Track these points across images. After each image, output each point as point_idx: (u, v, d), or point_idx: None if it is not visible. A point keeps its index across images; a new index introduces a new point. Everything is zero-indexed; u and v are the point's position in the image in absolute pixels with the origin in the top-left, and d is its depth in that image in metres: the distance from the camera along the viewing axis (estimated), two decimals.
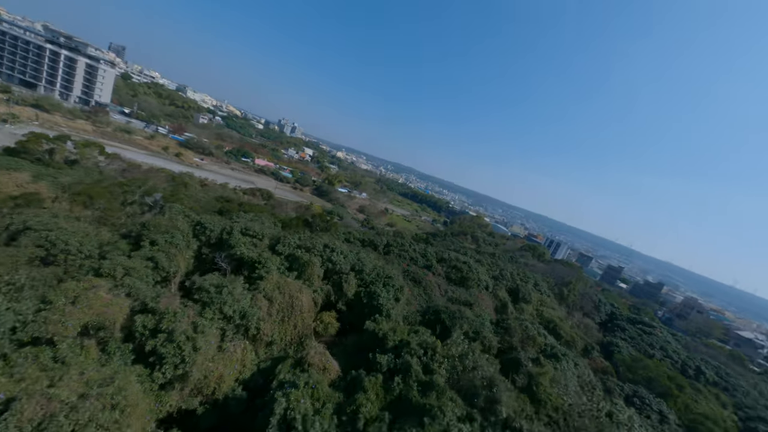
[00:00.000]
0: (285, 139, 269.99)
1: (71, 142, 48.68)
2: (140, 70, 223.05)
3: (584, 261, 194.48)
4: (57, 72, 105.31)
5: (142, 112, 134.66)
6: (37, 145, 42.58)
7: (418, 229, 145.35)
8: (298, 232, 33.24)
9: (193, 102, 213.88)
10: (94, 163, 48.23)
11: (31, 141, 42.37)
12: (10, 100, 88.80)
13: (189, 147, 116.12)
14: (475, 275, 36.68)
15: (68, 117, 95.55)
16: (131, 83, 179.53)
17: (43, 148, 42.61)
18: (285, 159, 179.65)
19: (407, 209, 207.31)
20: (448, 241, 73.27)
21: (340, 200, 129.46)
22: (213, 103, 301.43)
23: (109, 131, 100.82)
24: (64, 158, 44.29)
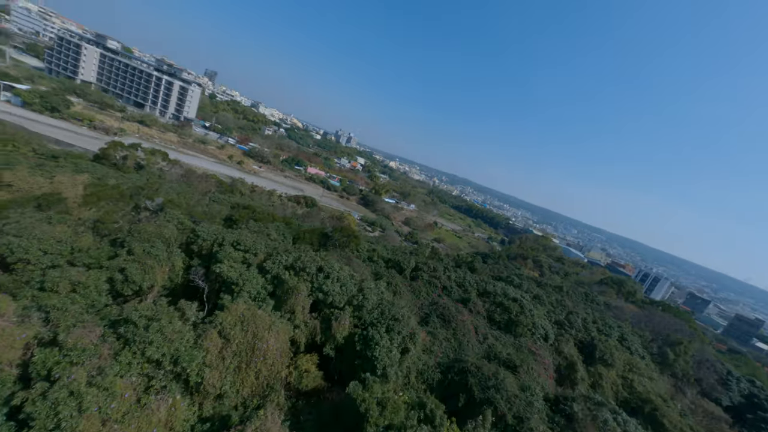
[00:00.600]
0: (339, 149, 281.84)
1: (141, 150, 53.77)
2: (224, 90, 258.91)
3: (697, 305, 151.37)
4: (159, 94, 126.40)
5: (219, 126, 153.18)
6: (115, 152, 47.87)
7: (469, 246, 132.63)
8: (312, 246, 28.94)
9: (262, 116, 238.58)
10: (158, 168, 52.59)
11: (110, 148, 47.88)
12: (123, 117, 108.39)
13: (251, 156, 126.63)
14: (529, 319, 27.37)
15: (161, 130, 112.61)
16: (215, 102, 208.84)
17: (119, 155, 47.47)
18: (336, 168, 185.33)
19: (459, 224, 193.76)
20: (501, 266, 62.08)
21: (386, 211, 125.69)
22: (280, 116, 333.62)
23: (189, 141, 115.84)
24: (135, 163, 48.69)
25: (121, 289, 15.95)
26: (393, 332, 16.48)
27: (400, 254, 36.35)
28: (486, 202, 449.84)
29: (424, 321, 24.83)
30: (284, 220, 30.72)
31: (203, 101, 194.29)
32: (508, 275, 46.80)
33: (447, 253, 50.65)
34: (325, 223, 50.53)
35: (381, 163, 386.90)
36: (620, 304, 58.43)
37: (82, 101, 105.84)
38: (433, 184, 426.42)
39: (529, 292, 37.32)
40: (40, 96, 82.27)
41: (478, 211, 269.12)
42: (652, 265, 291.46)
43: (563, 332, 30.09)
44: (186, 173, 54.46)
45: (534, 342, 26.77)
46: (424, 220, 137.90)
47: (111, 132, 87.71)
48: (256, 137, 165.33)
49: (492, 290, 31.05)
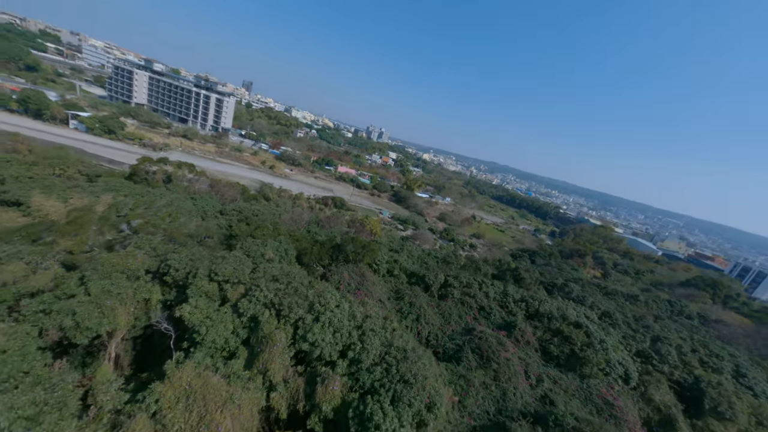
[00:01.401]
0: (370, 145, 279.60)
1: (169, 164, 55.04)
2: (258, 99, 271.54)
3: None
4: (198, 108, 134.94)
5: (253, 132, 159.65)
6: (144, 167, 49.55)
7: (513, 241, 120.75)
8: (321, 261, 25.17)
9: (294, 119, 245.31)
10: (187, 181, 53.57)
11: (139, 164, 49.67)
12: (170, 133, 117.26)
13: (283, 159, 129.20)
14: (601, 354, 20.42)
15: (201, 141, 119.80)
16: (251, 110, 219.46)
17: (150, 170, 48.93)
18: (367, 165, 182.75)
19: (501, 216, 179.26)
20: (554, 267, 52.93)
21: (419, 207, 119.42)
22: (312, 118, 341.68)
23: (226, 150, 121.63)
24: (164, 177, 49.85)
25: (74, 337, 13.43)
26: (402, 403, 11.68)
27: (427, 265, 31.00)
28: (530, 190, 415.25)
29: (455, 356, 19.46)
30: (290, 234, 27.22)
31: (239, 110, 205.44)
32: (564, 282, 38.60)
33: (486, 258, 43.59)
34: (348, 227, 47.01)
35: (414, 156, 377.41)
36: (720, 314, 45.73)
37: (136, 122, 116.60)
38: (471, 174, 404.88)
39: (595, 308, 29.39)
40: (99, 121, 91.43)
41: (522, 201, 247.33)
42: (752, 255, 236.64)
43: (650, 369, 22.34)
44: (213, 183, 54.88)
45: (609, 386, 19.81)
46: (460, 215, 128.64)
47: (157, 148, 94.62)
48: (288, 141, 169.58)
49: (545, 311, 24.30)
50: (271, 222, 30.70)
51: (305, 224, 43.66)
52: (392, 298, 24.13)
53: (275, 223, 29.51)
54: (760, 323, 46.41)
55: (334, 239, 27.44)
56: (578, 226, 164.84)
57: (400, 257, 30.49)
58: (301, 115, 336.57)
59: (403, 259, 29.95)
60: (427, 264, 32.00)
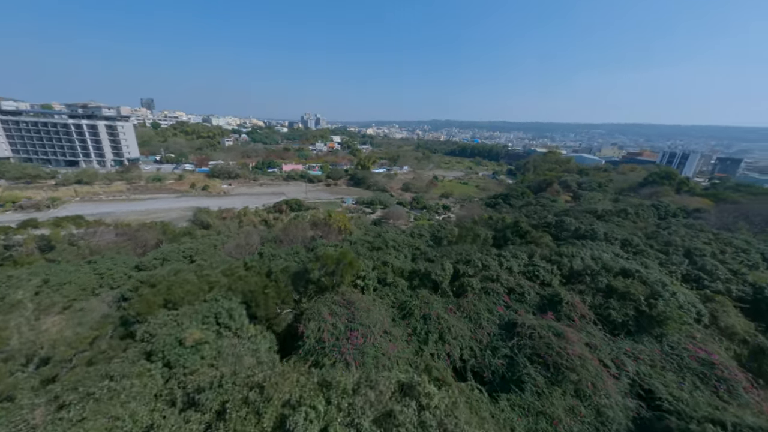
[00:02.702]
0: (310, 135, 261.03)
1: (39, 226, 40.94)
2: (166, 115, 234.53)
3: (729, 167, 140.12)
4: (87, 143, 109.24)
5: (171, 155, 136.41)
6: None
7: (478, 190, 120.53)
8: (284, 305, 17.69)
9: (218, 128, 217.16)
10: (79, 239, 40.20)
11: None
12: (57, 183, 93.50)
13: (215, 175, 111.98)
14: (672, 303, 16.27)
15: (105, 182, 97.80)
16: (161, 130, 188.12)
17: (9, 244, 35.03)
18: (313, 156, 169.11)
19: (459, 169, 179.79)
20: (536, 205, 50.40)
21: (380, 183, 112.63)
22: (237, 122, 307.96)
23: (141, 184, 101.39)
24: (36, 247, 36.28)
25: None
26: None
27: (422, 253, 24.78)
28: (476, 137, 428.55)
29: (512, 379, 13.80)
30: (230, 273, 18.89)
31: (147, 133, 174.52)
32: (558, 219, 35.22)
33: (474, 219, 38.62)
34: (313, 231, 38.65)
35: (359, 134, 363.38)
36: (689, 202, 47.07)
37: (3, 182, 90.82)
38: (418, 137, 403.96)
39: (612, 239, 25.87)
40: None
41: (473, 149, 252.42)
42: (665, 143, 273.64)
43: (708, 293, 19.05)
44: (121, 230, 42.08)
45: (691, 337, 15.84)
46: (422, 179, 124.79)
47: (42, 207, 74.07)
48: (216, 153, 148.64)
49: (580, 267, 19.63)
50: (202, 266, 21.73)
51: (257, 246, 34.63)
52: (397, 317, 17.64)
53: (204, 269, 20.60)
54: (720, 201, 48.71)
55: (289, 268, 19.72)
56: (530, 158, 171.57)
57: (387, 255, 23.76)
58: (225, 121, 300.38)
59: (392, 257, 23.24)
60: (420, 251, 25.71)
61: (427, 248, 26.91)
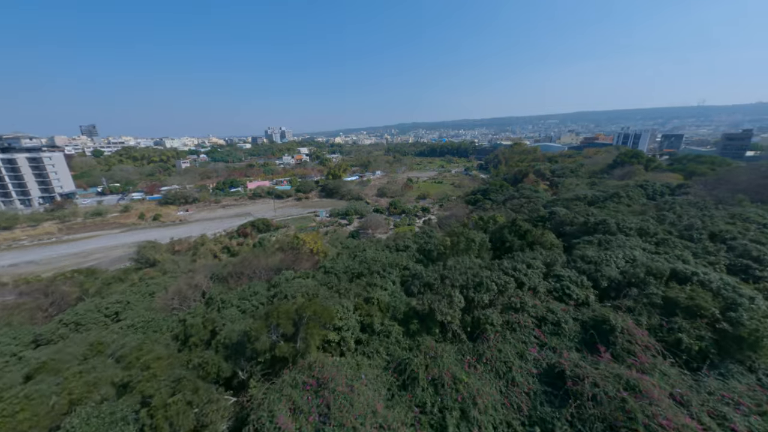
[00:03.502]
0: (276, 149, 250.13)
1: None
2: (109, 141, 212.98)
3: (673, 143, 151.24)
4: (4, 180, 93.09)
5: (116, 184, 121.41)
6: None
7: (454, 188, 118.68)
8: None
9: (172, 151, 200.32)
10: None
11: None
12: None
13: (168, 202, 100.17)
14: (757, 315, 12.22)
15: (30, 225, 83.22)
16: (104, 158, 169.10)
17: None
18: (280, 170, 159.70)
19: (432, 169, 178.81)
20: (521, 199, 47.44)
21: (353, 192, 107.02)
22: (195, 142, 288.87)
23: (78, 222, 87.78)
24: None
25: None
26: None
27: (416, 277, 19.64)
28: (443, 137, 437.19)
29: None
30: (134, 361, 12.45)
31: (87, 162, 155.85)
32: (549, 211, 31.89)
33: (464, 221, 34.14)
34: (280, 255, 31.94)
35: (327, 144, 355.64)
36: (668, 180, 46.59)
37: None
38: (387, 141, 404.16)
39: (625, 230, 22.34)
40: None
41: (441, 148, 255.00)
42: (610, 127, 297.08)
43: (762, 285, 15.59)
44: (26, 288, 32.64)
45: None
46: (396, 183, 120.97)
47: None
48: (170, 178, 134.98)
49: (619, 273, 15.45)
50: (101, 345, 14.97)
51: (208, 287, 27.62)
52: (395, 387, 12.31)
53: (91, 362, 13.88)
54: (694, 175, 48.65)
55: (232, 335, 13.77)
56: (498, 151, 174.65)
57: (371, 287, 18.30)
58: (180, 143, 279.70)
59: (377, 288, 17.86)
60: (411, 273, 20.53)
61: (418, 267, 21.81)
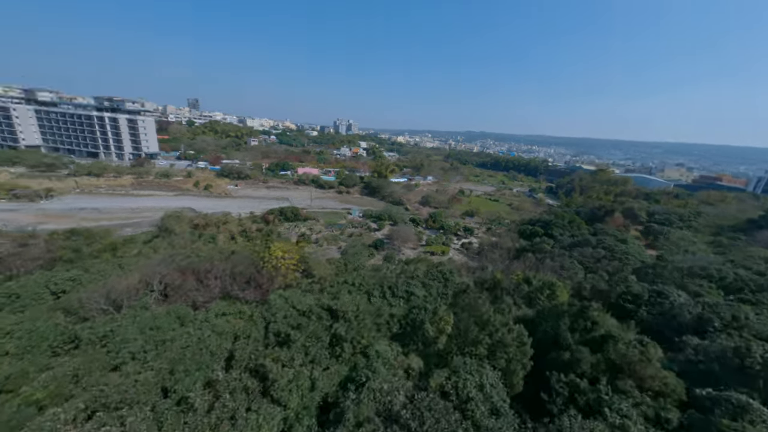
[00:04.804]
0: (338, 139, 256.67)
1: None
2: (201, 114, 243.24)
3: None
4: (107, 135, 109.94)
5: (191, 152, 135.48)
6: None
7: (511, 210, 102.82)
8: None
9: (248, 129, 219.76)
10: None
11: None
12: (69, 174, 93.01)
13: (224, 175, 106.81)
14: None
15: (114, 175, 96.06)
16: (193, 128, 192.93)
17: None
18: (333, 160, 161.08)
19: (491, 183, 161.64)
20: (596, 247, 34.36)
21: (395, 195, 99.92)
22: (271, 124, 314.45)
23: (149, 179, 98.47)
24: None
25: None
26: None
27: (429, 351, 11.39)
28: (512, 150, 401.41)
29: None
30: None
31: (179, 130, 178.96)
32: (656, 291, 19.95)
33: (496, 277, 23.81)
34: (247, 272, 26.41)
35: (388, 141, 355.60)
36: None
37: (24, 169, 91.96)
38: (449, 147, 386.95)
39: None
40: None
41: (507, 162, 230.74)
42: (741, 167, 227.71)
43: None
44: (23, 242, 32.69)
45: None
46: (446, 192, 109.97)
47: (35, 197, 71.38)
48: (236, 153, 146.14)
49: None
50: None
51: (155, 286, 23.02)
52: None
53: None
54: None
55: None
56: (575, 175, 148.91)
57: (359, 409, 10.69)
58: (258, 123, 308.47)
59: (364, 403, 10.13)
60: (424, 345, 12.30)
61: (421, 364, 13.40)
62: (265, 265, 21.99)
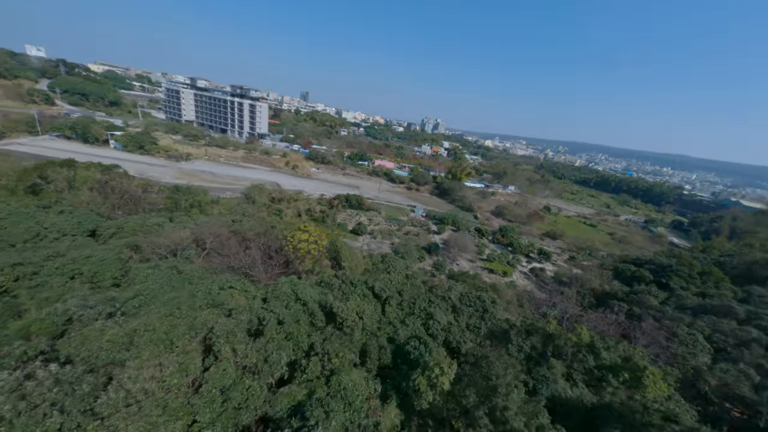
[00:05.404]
0: (421, 137, 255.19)
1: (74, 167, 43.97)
2: (306, 105, 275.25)
3: None
4: (235, 117, 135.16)
5: (292, 136, 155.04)
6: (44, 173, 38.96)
7: (613, 241, 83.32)
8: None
9: (341, 120, 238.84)
10: (94, 182, 41.37)
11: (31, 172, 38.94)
12: (205, 144, 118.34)
13: (311, 158, 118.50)
14: None
15: (233, 149, 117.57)
16: (298, 116, 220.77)
17: (48, 176, 38.21)
18: (412, 157, 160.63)
19: (590, 204, 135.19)
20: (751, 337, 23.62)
21: (466, 199, 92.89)
22: (362, 117, 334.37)
23: (255, 155, 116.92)
24: (67, 184, 38.48)
25: None
26: None
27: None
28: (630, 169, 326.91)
29: None
30: None
31: (287, 117, 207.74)
32: None
33: (559, 344, 18.02)
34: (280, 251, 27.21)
35: (474, 144, 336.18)
36: None
37: (180, 137, 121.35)
38: (545, 157, 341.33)
39: None
40: (131, 138, 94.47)
41: (619, 183, 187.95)
42: None
43: None
44: (144, 187, 41.83)
45: None
46: (527, 206, 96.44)
47: (180, 158, 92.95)
48: (325, 140, 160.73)
49: None
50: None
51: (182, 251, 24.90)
52: None
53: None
54: None
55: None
56: (727, 212, 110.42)
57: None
58: (351, 115, 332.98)
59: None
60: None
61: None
62: (286, 246, 22.15)
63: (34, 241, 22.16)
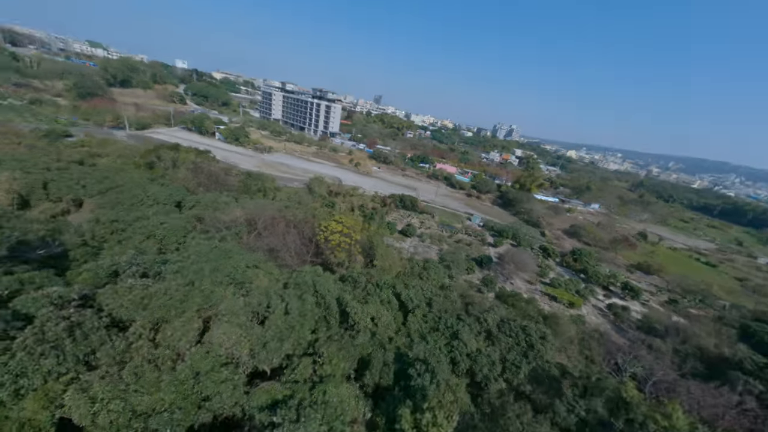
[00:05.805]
0: (491, 143, 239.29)
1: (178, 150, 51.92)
2: (377, 107, 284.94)
3: None
4: (312, 116, 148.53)
5: (360, 135, 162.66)
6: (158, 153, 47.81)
7: (742, 290, 63.62)
8: None
9: (408, 122, 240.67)
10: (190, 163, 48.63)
11: (147, 154, 48.15)
12: (286, 140, 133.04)
13: (374, 157, 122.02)
14: None
15: (307, 145, 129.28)
16: (368, 117, 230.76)
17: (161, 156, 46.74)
18: (476, 162, 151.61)
19: (710, 237, 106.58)
20: None
21: (533, 213, 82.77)
22: (431, 121, 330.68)
23: (324, 151, 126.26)
24: (171, 163, 46.49)
25: None
26: None
27: None
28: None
29: None
30: None
31: (359, 118, 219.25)
32: None
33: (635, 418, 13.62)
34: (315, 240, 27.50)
35: (553, 153, 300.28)
36: None
37: (267, 132, 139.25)
38: (646, 174, 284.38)
39: None
40: (230, 131, 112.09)
41: (764, 214, 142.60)
42: None
43: None
44: (226, 170, 48.39)
45: None
46: (612, 229, 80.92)
47: (263, 150, 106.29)
48: (390, 141, 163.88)
49: None
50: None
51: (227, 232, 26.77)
52: None
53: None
54: None
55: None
56: None
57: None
58: (420, 119, 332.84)
59: None
60: None
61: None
62: (319, 235, 22.31)
63: (136, 205, 27.16)
